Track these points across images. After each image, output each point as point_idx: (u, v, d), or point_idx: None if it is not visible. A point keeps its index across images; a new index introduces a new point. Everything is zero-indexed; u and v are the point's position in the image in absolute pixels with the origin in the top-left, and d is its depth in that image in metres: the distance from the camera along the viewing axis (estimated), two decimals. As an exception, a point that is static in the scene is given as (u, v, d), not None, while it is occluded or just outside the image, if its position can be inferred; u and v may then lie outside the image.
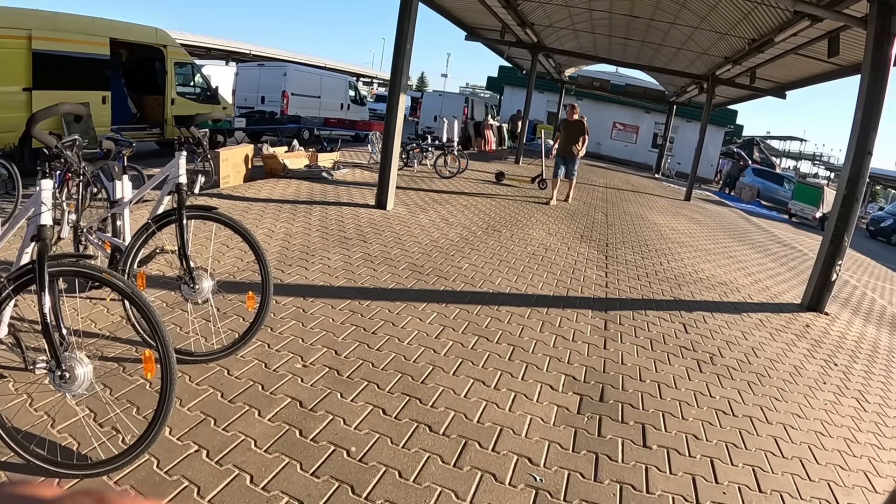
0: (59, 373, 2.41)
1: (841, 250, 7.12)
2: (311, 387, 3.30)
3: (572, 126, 12.21)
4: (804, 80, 15.03)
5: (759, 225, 17.04)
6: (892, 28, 6.78)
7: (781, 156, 51.83)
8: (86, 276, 2.54)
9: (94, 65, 10.54)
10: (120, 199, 4.07)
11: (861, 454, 3.78)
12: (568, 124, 12.33)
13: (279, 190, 8.78)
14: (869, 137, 6.95)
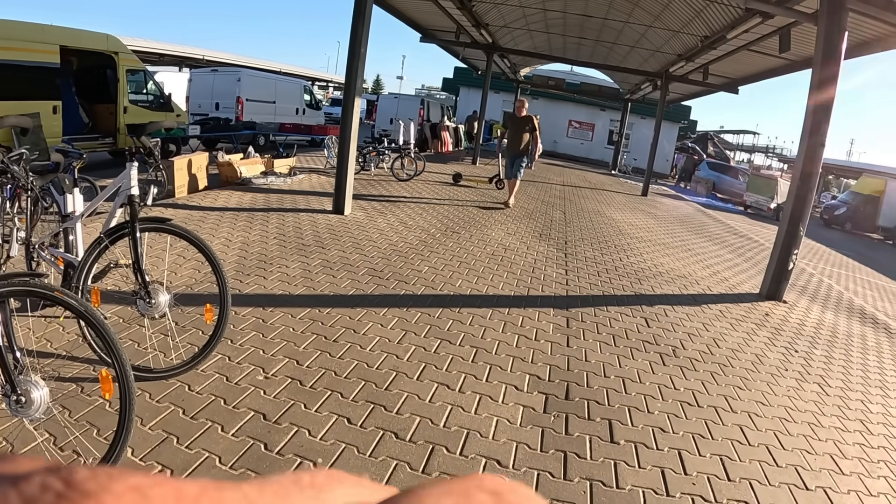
0: (14, 397, 2.32)
1: (796, 239, 7.29)
2: (275, 399, 3.25)
3: (520, 122, 11.48)
4: (756, 75, 15.38)
5: (716, 217, 17.36)
6: (842, 23, 6.96)
7: (735, 149, 52.80)
8: (37, 296, 2.47)
9: (43, 73, 10.28)
10: (71, 213, 3.96)
11: (826, 437, 3.88)
12: (515, 120, 11.61)
13: (235, 198, 8.66)
14: (821, 129, 7.13)
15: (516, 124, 11.52)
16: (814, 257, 14.70)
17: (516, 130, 11.49)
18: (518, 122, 11.49)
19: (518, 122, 11.48)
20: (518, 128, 11.45)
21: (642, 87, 23.57)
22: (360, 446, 2.91)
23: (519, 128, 11.43)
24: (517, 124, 11.49)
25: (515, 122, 11.56)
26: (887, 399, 4.80)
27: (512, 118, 11.83)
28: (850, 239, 24.28)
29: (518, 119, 11.52)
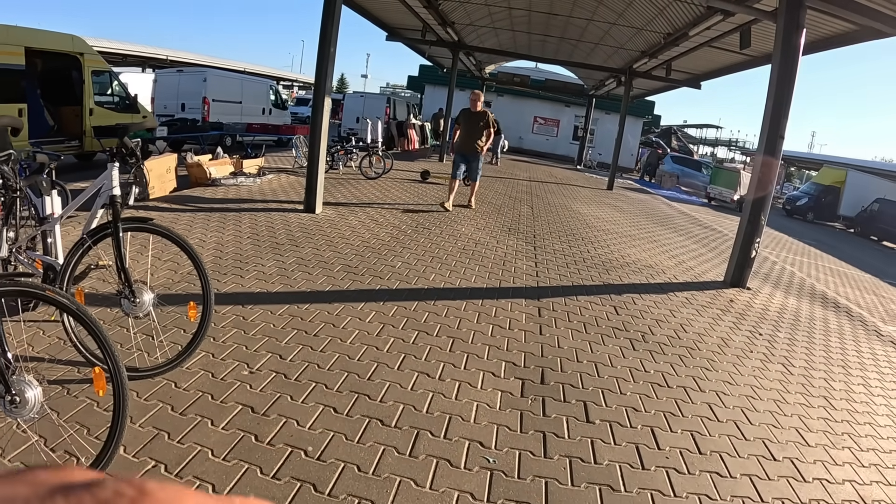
0: (8, 398, 2.35)
1: (758, 228, 7.53)
2: (261, 392, 3.33)
3: (475, 118, 10.40)
4: (718, 70, 15.73)
5: (680, 210, 17.69)
6: (800, 20, 7.21)
7: (699, 143, 53.70)
8: (29, 295, 2.51)
9: (8, 75, 10.12)
10: (50, 216, 3.98)
11: (791, 413, 4.08)
12: (469, 116, 10.46)
13: (206, 199, 8.66)
14: (780, 123, 7.38)
15: (471, 120, 10.46)
16: (777, 246, 15.08)
17: (471, 127, 10.44)
18: (473, 117, 10.44)
19: (473, 118, 10.44)
20: (473, 124, 10.42)
21: (606, 84, 23.91)
22: (347, 434, 3.01)
23: (474, 124, 10.41)
24: (472, 120, 10.45)
25: (470, 118, 10.47)
26: (849, 377, 5.03)
27: (466, 114, 10.59)
28: (812, 228, 24.90)
29: (473, 114, 10.44)
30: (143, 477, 0.32)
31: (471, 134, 10.41)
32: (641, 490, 2.90)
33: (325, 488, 2.58)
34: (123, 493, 0.31)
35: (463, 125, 10.53)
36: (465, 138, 10.47)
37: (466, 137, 10.44)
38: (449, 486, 2.71)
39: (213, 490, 2.48)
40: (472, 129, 10.40)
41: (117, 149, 3.55)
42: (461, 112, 10.72)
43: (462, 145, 10.51)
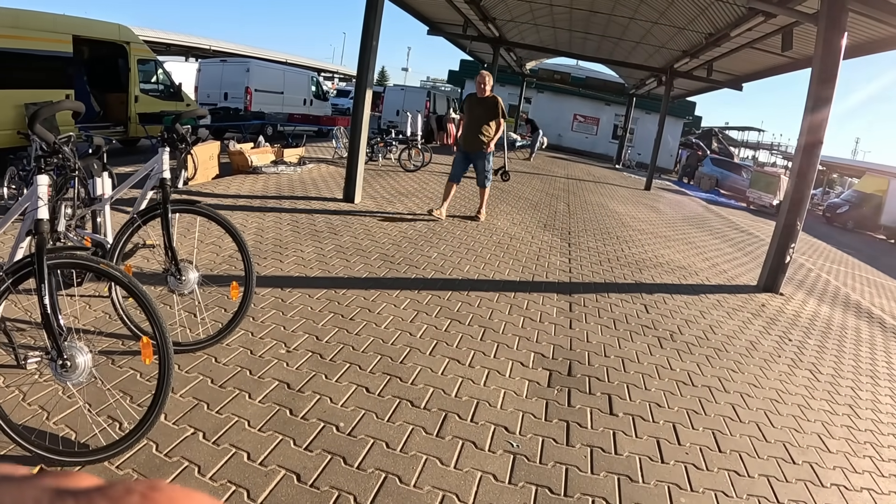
0: (60, 362, 2.49)
1: (794, 233, 7.48)
2: (297, 370, 3.47)
3: (482, 105, 8.48)
4: (759, 72, 15.54)
5: (718, 213, 17.51)
6: (842, 23, 7.13)
7: (740, 146, 52.87)
8: (84, 268, 2.67)
9: (56, 62, 10.42)
10: (101, 196, 4.16)
11: (814, 419, 4.07)
12: (476, 102, 8.55)
13: (247, 186, 8.86)
14: (819, 127, 7.30)
15: (477, 108, 8.50)
16: (814, 254, 14.87)
17: (477, 116, 8.47)
18: (479, 104, 8.50)
19: (479, 105, 8.50)
20: (479, 112, 8.46)
21: (647, 83, 23.74)
22: (378, 412, 3.13)
23: (480, 113, 8.45)
24: (478, 108, 8.49)
25: (476, 105, 8.52)
26: (877, 388, 4.98)
27: (471, 100, 8.64)
28: (852, 237, 24.40)
29: (479, 101, 8.52)
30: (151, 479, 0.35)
31: (476, 126, 8.43)
32: (659, 483, 2.96)
33: (354, 462, 2.70)
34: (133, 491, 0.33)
35: (468, 115, 8.57)
36: (469, 131, 8.51)
37: (471, 130, 8.48)
38: (473, 467, 2.81)
39: (248, 458, 2.62)
40: (479, 120, 8.42)
41: (168, 134, 3.71)
42: (466, 98, 8.78)
43: (466, 140, 8.57)
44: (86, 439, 2.63)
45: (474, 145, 8.44)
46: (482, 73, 8.57)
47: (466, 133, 8.52)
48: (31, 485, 0.34)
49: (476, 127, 8.40)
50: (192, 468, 2.52)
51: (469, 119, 8.50)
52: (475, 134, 8.39)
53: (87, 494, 0.33)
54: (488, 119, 8.37)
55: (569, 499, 2.71)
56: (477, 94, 8.50)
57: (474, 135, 8.40)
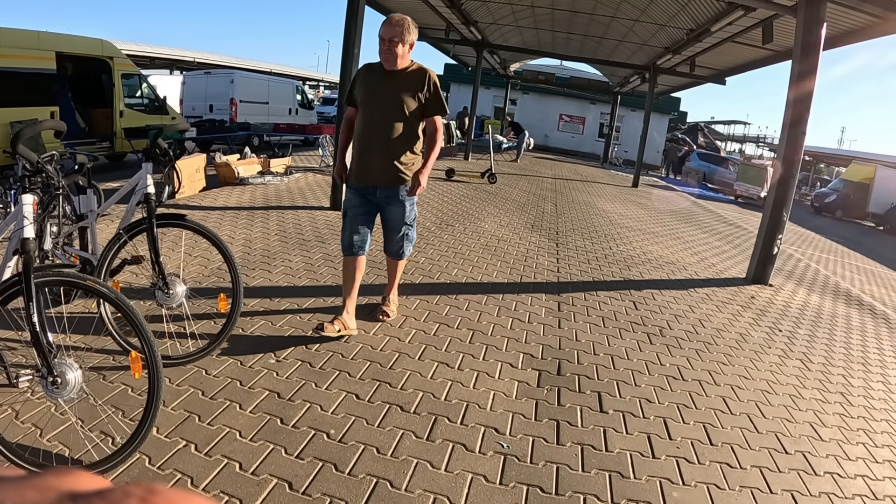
0: (50, 379, 2.50)
1: (780, 224, 7.54)
2: (287, 379, 3.48)
3: (393, 85, 4.03)
4: (742, 66, 15.62)
5: (706, 207, 17.61)
6: (820, 15, 7.20)
7: (727, 139, 53.17)
8: (71, 285, 2.69)
9: (40, 80, 10.43)
10: (87, 213, 4.17)
11: (806, 408, 4.11)
12: (380, 81, 4.07)
13: (234, 197, 8.86)
14: (802, 118, 7.38)
15: (384, 90, 4.03)
16: (802, 243, 14.96)
17: (386, 109, 4.05)
18: (389, 83, 4.04)
19: (389, 86, 4.03)
20: (389, 103, 4.04)
21: (631, 80, 23.83)
22: (368, 418, 3.15)
23: (391, 103, 4.03)
24: (387, 90, 4.03)
25: (382, 86, 4.05)
26: (869, 374, 5.03)
27: (369, 78, 4.13)
28: (840, 226, 24.58)
29: (388, 77, 4.05)
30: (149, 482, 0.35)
31: (383, 130, 4.06)
32: (650, 478, 2.99)
33: (345, 468, 2.72)
34: (132, 495, 0.33)
35: (365, 107, 4.10)
36: (368, 143, 4.11)
37: (373, 141, 4.10)
38: (463, 469, 2.83)
39: (240, 468, 2.63)
40: (387, 117, 4.05)
41: (151, 149, 3.73)
42: (361, 75, 4.22)
43: (363, 163, 4.16)
44: (79, 455, 2.64)
45: (382, 173, 4.09)
46: (392, 18, 3.96)
47: (362, 146, 4.09)
48: (32, 486, 0.34)
49: (382, 133, 4.03)
50: (185, 480, 2.54)
51: (367, 116, 4.05)
52: (383, 149, 4.05)
53: (87, 498, 0.33)
54: (407, 115, 4.02)
55: (560, 497, 2.74)
56: (383, 66, 4.01)
57: (381, 151, 4.06)
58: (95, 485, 0.36)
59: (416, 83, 4.03)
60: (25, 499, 0.33)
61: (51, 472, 0.36)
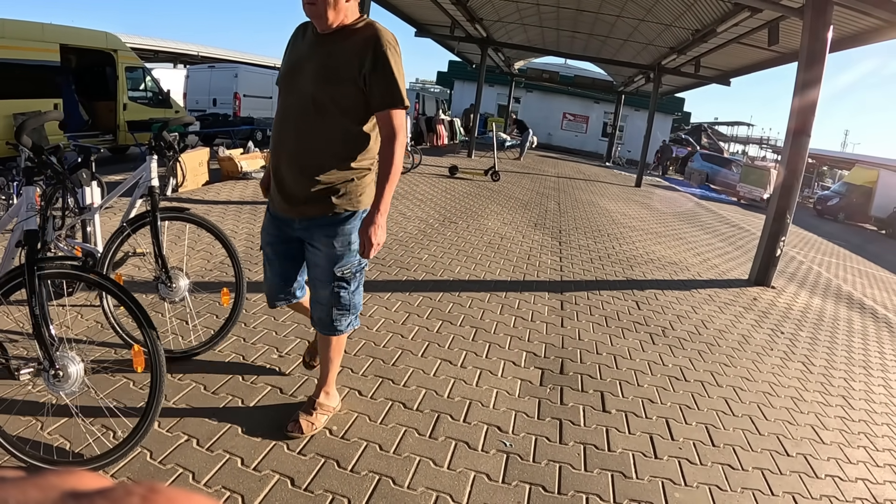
0: (52, 372, 2.50)
1: (783, 227, 7.53)
2: (289, 375, 3.47)
3: (322, 53, 2.53)
4: (747, 67, 15.59)
5: (709, 208, 17.60)
6: (827, 17, 7.19)
7: (730, 140, 53.03)
8: (73, 278, 2.68)
9: (44, 72, 10.43)
10: (90, 205, 4.17)
11: (808, 411, 4.11)
12: (309, 48, 2.60)
13: (237, 192, 8.85)
14: (806, 120, 7.36)
15: (312, 63, 2.56)
16: (805, 246, 14.92)
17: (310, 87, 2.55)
18: (318, 52, 2.56)
19: (317, 57, 2.55)
20: (313, 79, 2.55)
21: (635, 80, 23.80)
22: (371, 415, 3.15)
23: (317, 78, 2.54)
24: (314, 62, 2.55)
25: (311, 58, 2.57)
26: (870, 378, 5.02)
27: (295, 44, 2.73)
28: (843, 229, 24.50)
29: (321, 42, 2.56)
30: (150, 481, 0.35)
31: (300, 126, 2.62)
32: (653, 478, 2.98)
33: (347, 465, 2.71)
34: (133, 493, 0.33)
35: (281, 94, 2.71)
36: (283, 141, 2.68)
37: (288, 138, 2.66)
38: (466, 467, 2.82)
39: (241, 464, 2.62)
40: (307, 106, 2.58)
41: (155, 142, 3.72)
42: (289, 42, 2.78)
43: (277, 174, 2.73)
44: (80, 449, 2.63)
45: (297, 196, 2.68)
46: None
47: (274, 151, 2.75)
48: (35, 485, 0.34)
49: (298, 132, 2.64)
50: (187, 475, 2.53)
51: (282, 106, 2.71)
52: (298, 157, 2.65)
53: (89, 497, 0.33)
54: (338, 105, 2.56)
55: (563, 497, 2.73)
56: (315, 27, 2.58)
57: (295, 160, 2.66)
58: (97, 484, 0.35)
59: (354, 51, 2.49)
60: (28, 497, 0.33)
61: (53, 471, 0.36)
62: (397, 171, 2.61)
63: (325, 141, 2.60)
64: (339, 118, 2.58)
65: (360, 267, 2.84)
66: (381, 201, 2.57)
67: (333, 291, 2.77)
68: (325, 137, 2.60)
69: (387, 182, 2.56)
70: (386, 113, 2.56)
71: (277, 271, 2.95)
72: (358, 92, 2.53)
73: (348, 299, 2.83)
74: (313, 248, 2.75)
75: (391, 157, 2.57)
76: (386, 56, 2.49)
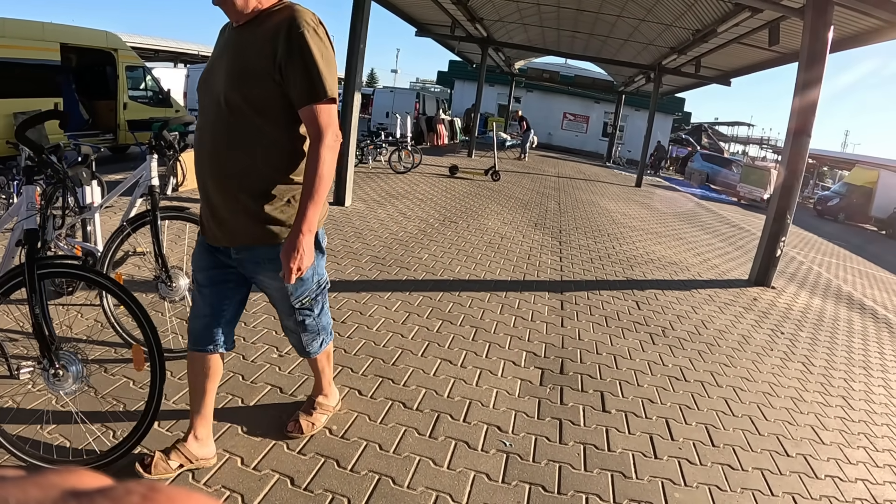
0: (52, 371, 2.49)
1: (784, 227, 7.52)
2: (289, 374, 3.48)
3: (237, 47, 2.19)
4: (747, 67, 15.57)
5: (709, 208, 17.60)
6: (828, 17, 7.18)
7: (730, 141, 52.98)
8: (73, 277, 2.68)
9: (44, 71, 10.42)
10: (90, 204, 4.16)
11: (808, 411, 4.11)
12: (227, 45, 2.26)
13: (238, 191, 8.84)
14: (807, 121, 7.36)
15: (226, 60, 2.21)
16: (805, 247, 14.91)
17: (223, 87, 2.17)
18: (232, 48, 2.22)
19: (232, 53, 2.21)
20: (226, 77, 2.18)
21: (636, 80, 23.79)
22: (370, 415, 3.15)
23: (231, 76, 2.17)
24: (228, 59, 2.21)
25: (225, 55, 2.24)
26: (870, 378, 5.02)
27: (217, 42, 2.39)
28: (843, 230, 24.49)
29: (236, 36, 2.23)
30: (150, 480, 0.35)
31: (215, 136, 2.24)
32: (653, 478, 2.98)
33: (347, 464, 2.71)
34: (133, 492, 0.33)
35: (199, 98, 2.39)
36: (201, 156, 2.37)
37: (206, 153, 2.32)
38: (466, 467, 2.82)
39: (241, 463, 2.62)
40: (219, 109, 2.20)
41: (156, 141, 3.72)
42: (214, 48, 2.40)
43: (203, 195, 2.44)
44: (80, 448, 2.63)
45: (226, 221, 2.32)
46: None
47: (197, 167, 2.42)
48: (35, 483, 0.34)
49: (214, 144, 2.25)
50: (186, 474, 2.52)
51: (199, 111, 2.41)
52: (218, 173, 2.28)
53: (89, 496, 0.33)
54: (253, 105, 2.17)
55: (562, 496, 2.73)
56: (230, 21, 2.28)
57: (215, 177, 2.30)
58: (98, 482, 0.35)
59: (266, 38, 2.13)
60: (29, 496, 0.33)
61: (53, 470, 0.36)
62: (324, 182, 2.16)
63: (243, 151, 2.21)
64: (255, 121, 2.18)
65: (320, 289, 2.59)
66: (302, 220, 2.16)
67: (298, 320, 2.60)
68: (243, 146, 2.20)
69: (309, 196, 2.16)
70: (308, 109, 2.15)
71: (208, 300, 2.49)
72: (274, 87, 2.15)
73: (315, 325, 2.65)
74: (261, 279, 2.47)
75: (314, 165, 2.14)
76: (303, 39, 2.08)
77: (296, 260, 2.16)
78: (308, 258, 2.19)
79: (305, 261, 2.18)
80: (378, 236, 7.03)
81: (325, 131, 2.15)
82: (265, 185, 2.24)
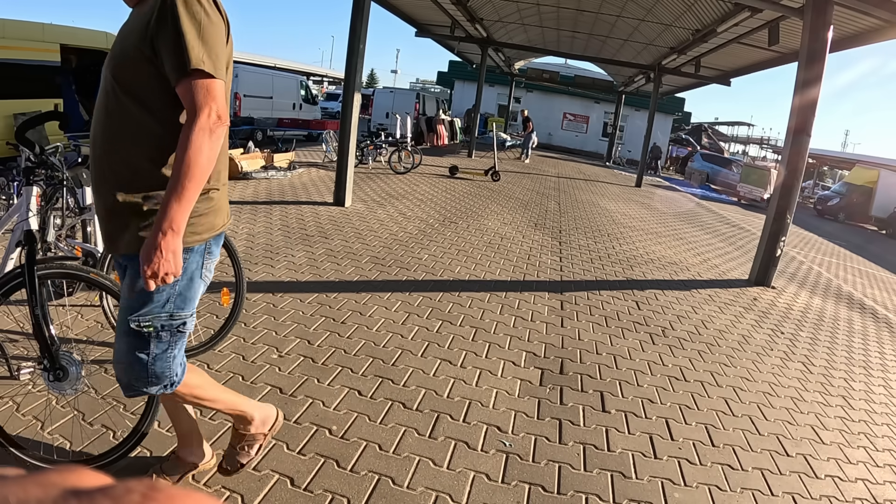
0: (53, 372, 2.49)
1: (784, 227, 7.52)
2: (289, 375, 3.48)
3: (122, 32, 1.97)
4: (747, 67, 15.57)
5: (709, 208, 17.59)
6: (827, 17, 7.18)
7: (730, 140, 52.94)
8: (74, 277, 2.67)
9: (44, 72, 10.40)
10: (90, 205, 4.17)
11: (808, 411, 4.10)
12: None
13: (237, 191, 8.86)
14: (807, 120, 7.36)
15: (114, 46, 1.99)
16: (805, 246, 14.91)
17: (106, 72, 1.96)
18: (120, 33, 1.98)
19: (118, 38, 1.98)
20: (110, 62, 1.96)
21: (636, 80, 23.79)
22: (370, 415, 3.15)
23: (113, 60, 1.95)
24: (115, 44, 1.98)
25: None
26: (870, 378, 5.01)
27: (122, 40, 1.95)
28: (843, 229, 24.47)
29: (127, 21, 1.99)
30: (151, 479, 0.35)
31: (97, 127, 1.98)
32: (653, 478, 2.98)
33: (347, 464, 2.71)
34: (134, 491, 0.33)
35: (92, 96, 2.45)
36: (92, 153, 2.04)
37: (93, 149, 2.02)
38: (465, 467, 2.83)
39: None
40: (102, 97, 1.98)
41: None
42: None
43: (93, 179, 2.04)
44: (80, 448, 2.63)
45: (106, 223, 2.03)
46: None
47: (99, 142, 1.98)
48: (36, 482, 0.34)
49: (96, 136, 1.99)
50: (186, 475, 2.52)
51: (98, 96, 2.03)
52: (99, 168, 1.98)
53: (90, 495, 0.33)
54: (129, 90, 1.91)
55: (562, 497, 2.73)
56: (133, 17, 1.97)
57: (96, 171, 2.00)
58: (98, 481, 0.35)
59: (142, 13, 1.90)
60: (29, 495, 0.33)
61: (54, 469, 0.36)
62: (194, 171, 1.78)
63: (113, 137, 1.93)
64: (125, 103, 1.90)
65: (170, 323, 2.02)
66: (162, 216, 1.78)
67: (129, 349, 2.01)
68: (113, 133, 1.93)
69: (173, 189, 1.78)
70: (180, 87, 1.83)
71: None
72: (143, 63, 1.86)
73: (147, 366, 2.02)
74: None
75: (182, 150, 1.78)
76: (174, 8, 1.79)
77: (157, 261, 1.77)
78: (171, 266, 1.81)
79: (167, 267, 1.80)
80: (378, 237, 7.03)
81: (199, 110, 1.80)
82: (140, 183, 1.92)
